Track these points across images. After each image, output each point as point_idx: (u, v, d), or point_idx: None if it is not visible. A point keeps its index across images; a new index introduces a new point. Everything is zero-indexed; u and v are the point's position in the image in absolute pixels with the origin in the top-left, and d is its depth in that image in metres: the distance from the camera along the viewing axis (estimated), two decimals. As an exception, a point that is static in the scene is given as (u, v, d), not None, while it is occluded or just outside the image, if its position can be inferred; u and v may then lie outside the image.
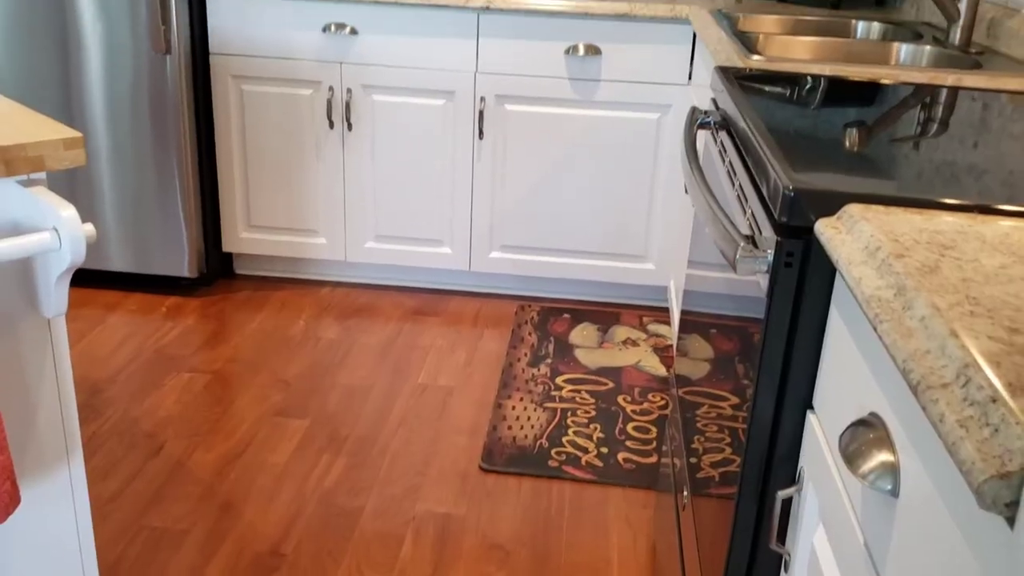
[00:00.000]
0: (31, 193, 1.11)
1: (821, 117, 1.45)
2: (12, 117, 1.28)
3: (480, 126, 2.81)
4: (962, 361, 0.66)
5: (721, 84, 1.64)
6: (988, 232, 0.92)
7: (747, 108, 1.41)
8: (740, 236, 1.09)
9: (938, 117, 1.50)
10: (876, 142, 1.28)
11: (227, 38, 2.79)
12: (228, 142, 2.90)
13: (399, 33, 2.75)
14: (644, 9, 2.63)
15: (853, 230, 0.93)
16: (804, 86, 1.64)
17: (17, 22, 2.70)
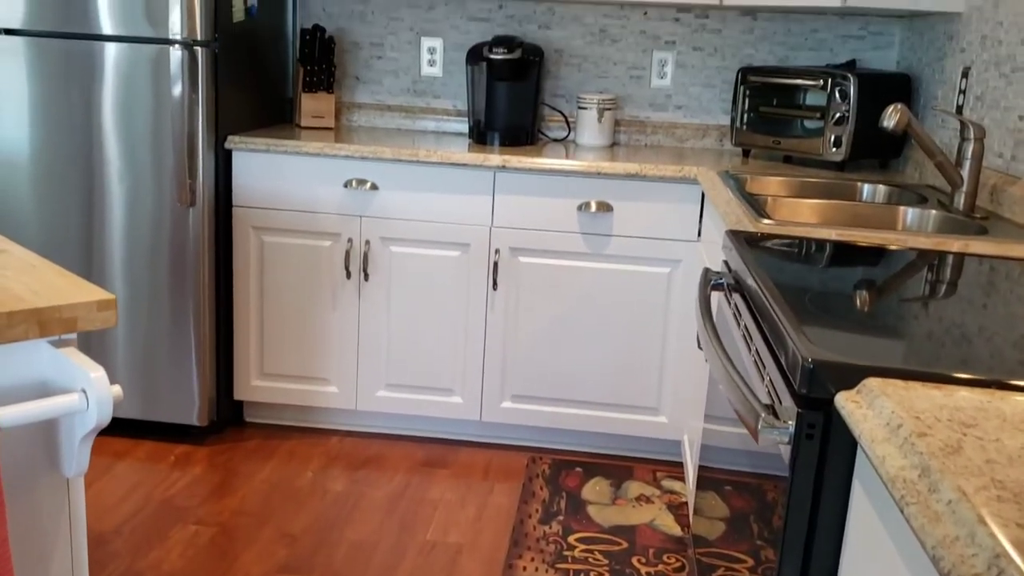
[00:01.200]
0: (62, 354, 1.13)
1: (833, 281, 1.48)
2: (45, 276, 1.32)
3: (494, 277, 2.87)
4: (993, 551, 0.65)
5: (733, 247, 1.68)
6: (1008, 409, 0.92)
7: (761, 273, 1.45)
8: (761, 406, 1.10)
9: (947, 281, 1.53)
10: (889, 307, 1.30)
11: (251, 191, 2.89)
12: (246, 291, 2.96)
13: (418, 189, 2.84)
14: (654, 169, 2.73)
15: (873, 405, 0.94)
16: (814, 250, 1.69)
17: (46, 170, 2.81)
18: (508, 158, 2.78)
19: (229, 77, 2.87)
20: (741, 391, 1.16)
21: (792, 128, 2.86)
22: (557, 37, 3.28)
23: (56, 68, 2.75)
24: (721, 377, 1.30)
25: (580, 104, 3.14)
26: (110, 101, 2.75)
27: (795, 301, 1.27)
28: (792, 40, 3.19)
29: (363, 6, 3.34)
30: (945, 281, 1.55)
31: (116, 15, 2.70)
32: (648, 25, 3.24)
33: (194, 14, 2.68)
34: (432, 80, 3.37)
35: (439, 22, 3.32)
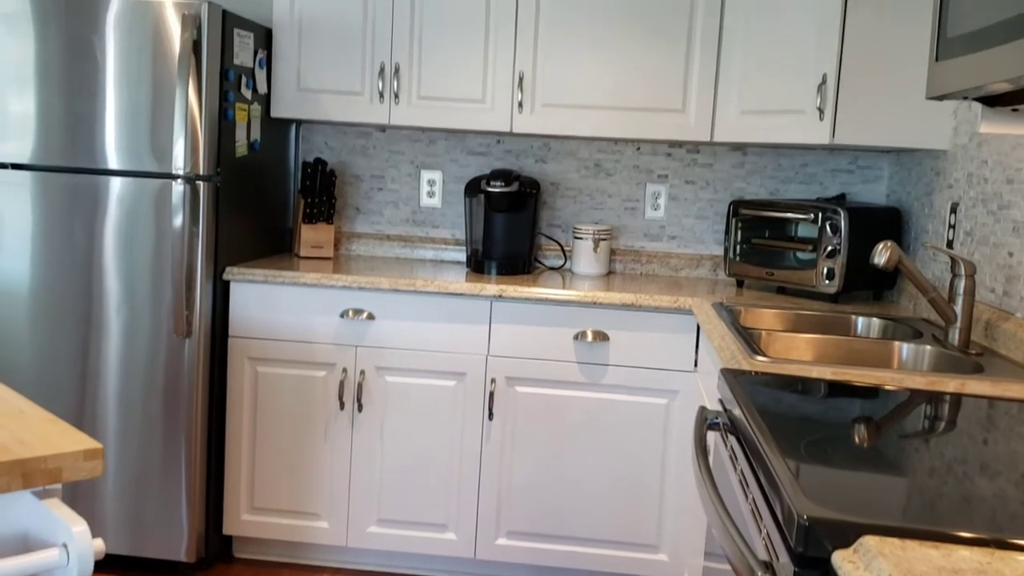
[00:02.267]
0: (45, 505, 1.11)
1: (829, 425, 1.46)
2: (33, 422, 1.30)
3: (490, 407, 2.84)
4: None
5: (728, 389, 1.67)
6: (1008, 571, 0.90)
7: (755, 418, 1.43)
8: (757, 563, 1.07)
9: (944, 423, 1.51)
10: (887, 453, 1.28)
11: (247, 321, 2.90)
12: (239, 424, 2.93)
13: (415, 319, 2.86)
14: (649, 300, 2.74)
15: (871, 567, 0.91)
16: (810, 390, 1.68)
17: (45, 300, 2.83)
18: (505, 287, 2.80)
19: (230, 209, 2.93)
20: (737, 545, 1.13)
21: (785, 259, 2.90)
22: (553, 170, 3.36)
23: (60, 201, 2.81)
24: (716, 526, 1.27)
25: (576, 234, 3.19)
26: (112, 234, 2.80)
27: (791, 448, 1.26)
28: (782, 173, 3.26)
29: (365, 140, 3.43)
30: (943, 423, 1.53)
31: (121, 150, 2.77)
32: (641, 159, 3.32)
33: (198, 149, 2.75)
34: (431, 211, 3.43)
35: (439, 156, 3.41)
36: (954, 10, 1.57)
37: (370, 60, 3.08)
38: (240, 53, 2.92)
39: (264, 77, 3.09)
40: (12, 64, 2.79)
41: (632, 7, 2.96)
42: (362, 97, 3.10)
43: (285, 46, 3.10)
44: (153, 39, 2.74)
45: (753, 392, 1.61)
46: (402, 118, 3.09)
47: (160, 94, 2.75)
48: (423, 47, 3.06)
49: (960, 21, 1.55)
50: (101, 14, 2.75)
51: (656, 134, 3.00)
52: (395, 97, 3.08)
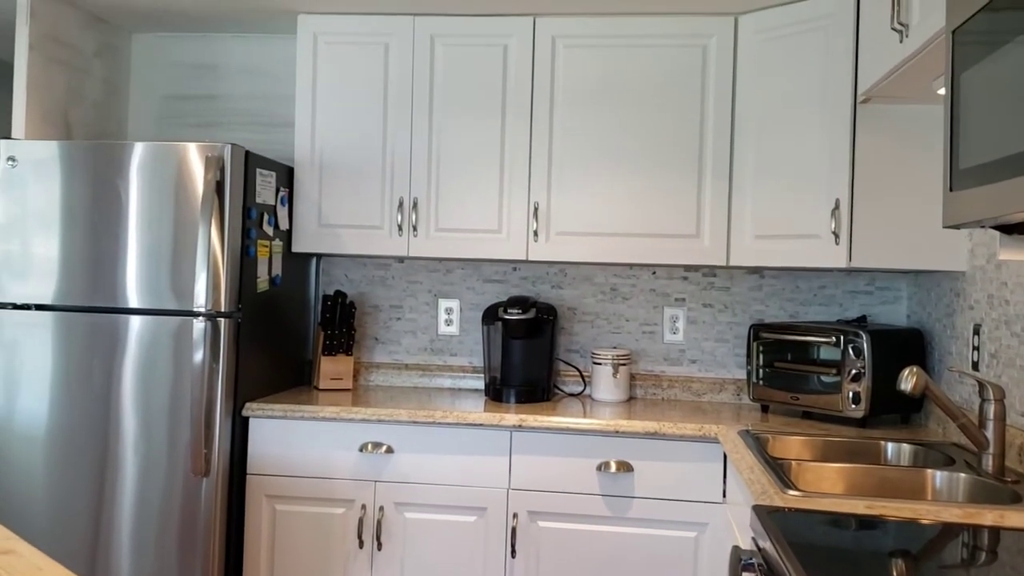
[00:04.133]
0: None
1: (866, 562, 1.41)
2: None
3: (513, 544, 2.77)
4: None
5: (762, 526, 1.62)
6: None
7: (792, 560, 1.38)
8: None
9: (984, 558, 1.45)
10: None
11: (266, 458, 2.87)
12: (256, 564, 2.86)
13: (434, 451, 2.81)
14: (673, 428, 2.70)
15: None
16: (845, 526, 1.62)
17: (62, 438, 2.81)
18: (525, 417, 2.77)
19: (250, 344, 2.94)
20: None
21: (809, 383, 2.86)
22: (570, 296, 3.37)
23: (80, 341, 2.83)
24: None
25: (595, 360, 3.17)
26: (130, 372, 2.80)
27: (832, 599, 1.21)
28: (801, 295, 3.26)
29: (384, 271, 3.47)
30: (983, 556, 1.47)
31: (142, 289, 2.81)
32: (657, 283, 3.34)
33: (219, 286, 2.78)
34: (449, 338, 3.44)
35: (456, 284, 3.43)
36: (965, 143, 1.60)
37: (389, 195, 3.14)
38: (262, 192, 2.99)
39: (286, 214, 3.15)
40: (39, 208, 2.86)
41: (642, 139, 3.03)
42: (381, 231, 3.15)
43: (306, 183, 3.18)
44: (176, 180, 2.81)
45: (787, 530, 1.56)
46: (421, 249, 3.13)
47: (182, 233, 2.80)
48: (440, 181, 3.13)
49: (972, 153, 1.57)
50: (125, 159, 2.83)
51: (672, 259, 3.02)
52: (413, 229, 3.13)
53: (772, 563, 1.51)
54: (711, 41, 3.02)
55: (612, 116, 3.05)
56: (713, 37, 3.02)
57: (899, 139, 2.70)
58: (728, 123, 3.00)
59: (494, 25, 3.11)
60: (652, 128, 3.03)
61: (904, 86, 2.42)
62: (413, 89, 3.14)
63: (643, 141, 3.04)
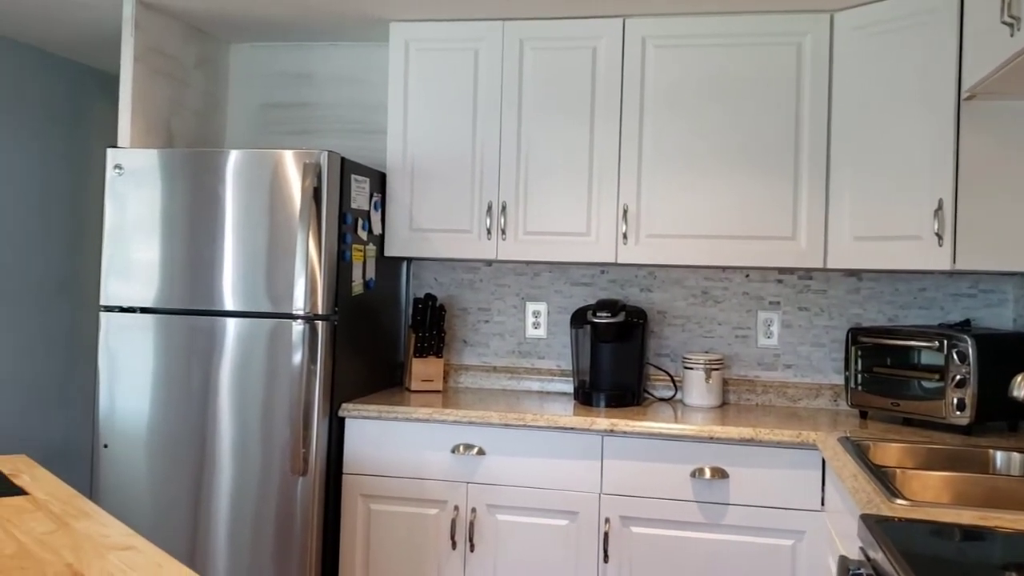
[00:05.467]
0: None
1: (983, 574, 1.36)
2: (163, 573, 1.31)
3: (605, 548, 2.75)
4: None
5: (871, 536, 1.58)
6: None
7: (907, 572, 1.34)
8: None
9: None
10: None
11: (361, 458, 2.92)
12: (352, 563, 2.91)
13: (525, 454, 2.82)
14: (769, 434, 2.65)
15: None
16: (958, 537, 1.57)
17: (161, 438, 2.91)
18: (616, 421, 2.75)
19: (345, 346, 2.99)
20: None
21: (910, 389, 2.78)
22: (659, 299, 3.34)
23: (180, 342, 2.92)
24: None
25: (686, 364, 3.14)
26: (227, 372, 2.88)
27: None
28: (900, 299, 3.17)
29: (472, 275, 3.49)
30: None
31: (240, 293, 2.88)
32: (751, 286, 3.28)
33: (316, 290, 2.84)
34: (537, 342, 3.44)
35: (544, 288, 3.44)
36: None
37: (478, 199, 3.17)
38: (357, 197, 3.04)
39: (379, 218, 3.20)
40: (143, 214, 2.97)
41: (735, 139, 2.99)
42: (471, 234, 3.17)
43: (398, 189, 3.22)
44: (271, 187, 2.88)
45: (899, 541, 1.52)
46: (509, 253, 3.14)
47: (277, 238, 2.87)
48: (528, 184, 3.13)
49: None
50: (222, 166, 2.91)
51: (767, 261, 2.96)
52: (502, 233, 3.14)
53: (884, 574, 1.47)
54: (806, 39, 2.96)
55: (703, 116, 3.01)
56: (808, 35, 2.96)
57: (1006, 136, 2.60)
58: (824, 122, 2.94)
59: (583, 27, 3.11)
60: (745, 128, 2.99)
61: (1014, 81, 2.33)
62: (502, 93, 3.16)
63: (735, 141, 2.99)
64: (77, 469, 4.10)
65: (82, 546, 1.47)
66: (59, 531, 1.55)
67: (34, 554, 1.42)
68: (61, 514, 1.65)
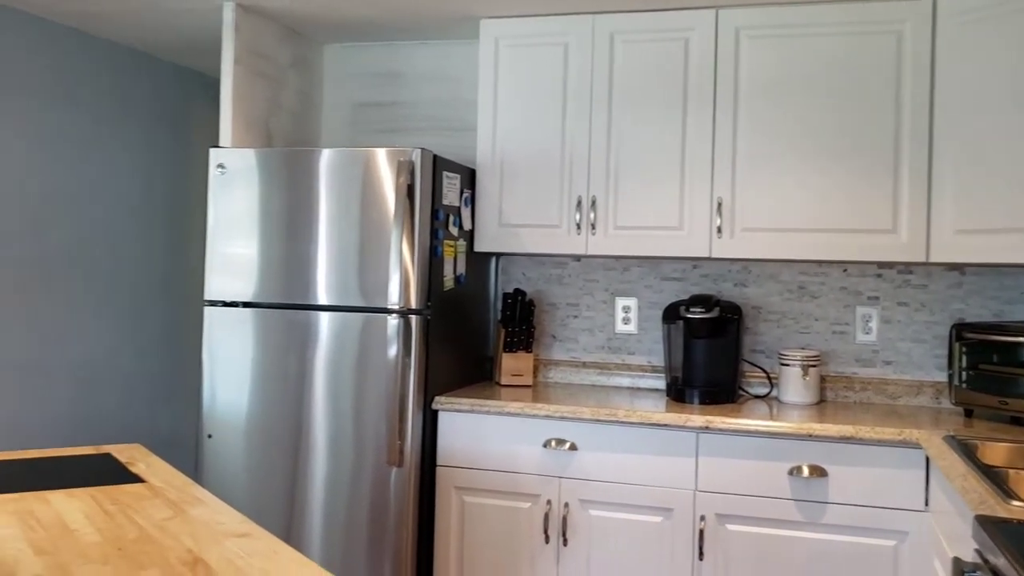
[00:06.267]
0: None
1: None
2: (286, 565, 1.35)
3: (700, 546, 2.73)
4: None
5: (989, 539, 1.53)
6: None
7: (1033, 577, 1.29)
8: None
9: None
10: None
11: (454, 451, 2.95)
12: (446, 555, 2.94)
13: (617, 450, 2.81)
14: (870, 432, 2.59)
15: None
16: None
17: (259, 427, 2.99)
18: (711, 418, 2.72)
19: (437, 340, 3.03)
20: None
21: (1019, 387, 2.67)
22: (754, 294, 3.29)
23: (277, 335, 3.00)
24: None
25: (782, 360, 3.08)
26: (322, 364, 2.95)
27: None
28: (1006, 294, 3.05)
29: (561, 270, 3.50)
30: None
31: (333, 288, 2.94)
32: (849, 281, 3.21)
33: (410, 285, 2.88)
34: (627, 337, 3.42)
35: (634, 283, 3.42)
36: None
37: (568, 194, 3.16)
38: (448, 193, 3.07)
39: (469, 214, 3.23)
40: (242, 212, 3.05)
41: (832, 129, 2.92)
42: (560, 229, 3.17)
43: (488, 184, 3.24)
44: (363, 184, 2.93)
45: (1020, 544, 1.46)
46: (599, 247, 3.13)
47: (369, 234, 2.92)
48: (619, 179, 3.12)
49: None
50: (315, 164, 2.98)
51: (865, 255, 2.89)
52: (592, 228, 3.13)
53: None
54: (905, 26, 2.87)
55: (800, 107, 2.95)
56: (907, 22, 2.87)
57: None
58: (926, 111, 2.85)
59: (674, 19, 3.08)
60: (842, 118, 2.91)
61: None
62: (592, 87, 3.15)
63: (833, 132, 2.92)
64: (182, 458, 4.24)
65: (199, 532, 1.52)
66: (177, 518, 1.60)
67: (155, 539, 1.48)
68: (177, 501, 1.71)
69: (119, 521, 1.57)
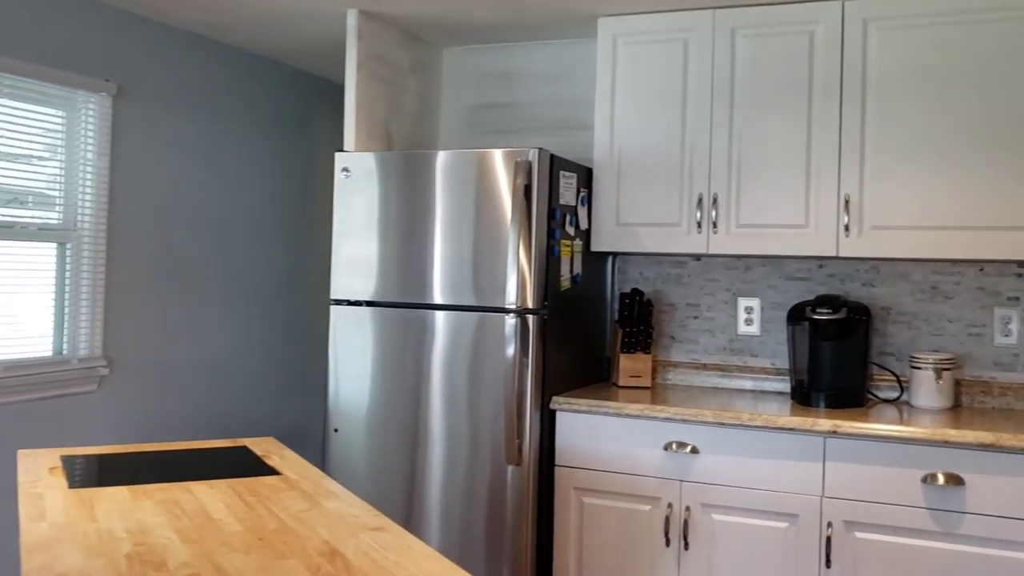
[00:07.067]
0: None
1: None
2: (420, 559, 1.37)
3: (827, 554, 2.64)
4: None
5: None
6: None
7: None
8: None
9: None
10: None
11: (572, 451, 2.94)
12: (565, 552, 2.94)
13: (740, 454, 2.75)
14: (1012, 440, 2.46)
15: None
16: None
17: (379, 420, 3.05)
18: (839, 423, 2.63)
19: (554, 340, 3.03)
20: None
21: None
22: (883, 294, 3.17)
23: (396, 334, 3.05)
24: None
25: (914, 363, 2.95)
26: (438, 364, 2.98)
27: None
28: None
29: (680, 269, 3.45)
30: None
31: (448, 287, 2.98)
32: (986, 281, 3.05)
33: (527, 285, 2.89)
34: (749, 339, 3.35)
35: (756, 283, 3.34)
36: None
37: (688, 192, 3.12)
38: (565, 193, 3.07)
39: (585, 214, 3.22)
40: (363, 214, 3.12)
41: (968, 123, 2.78)
42: (680, 228, 3.13)
43: (605, 183, 3.22)
44: (477, 184, 2.95)
45: None
46: (721, 246, 3.07)
47: (485, 233, 2.94)
48: (741, 176, 3.05)
49: None
50: (431, 166, 3.02)
51: (1004, 254, 2.74)
52: (713, 227, 3.08)
53: None
54: (1052, 11, 2.71)
55: (933, 100, 2.82)
56: (1055, 6, 2.71)
57: None
58: (1075, 101, 2.68)
59: (799, 12, 2.99)
60: (980, 111, 2.77)
61: None
62: (713, 83, 3.09)
63: (969, 125, 2.78)
64: (308, 452, 4.38)
65: (335, 525, 1.56)
66: (312, 509, 1.65)
67: (293, 530, 1.52)
68: (312, 493, 1.76)
69: (259, 512, 1.62)
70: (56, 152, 3.20)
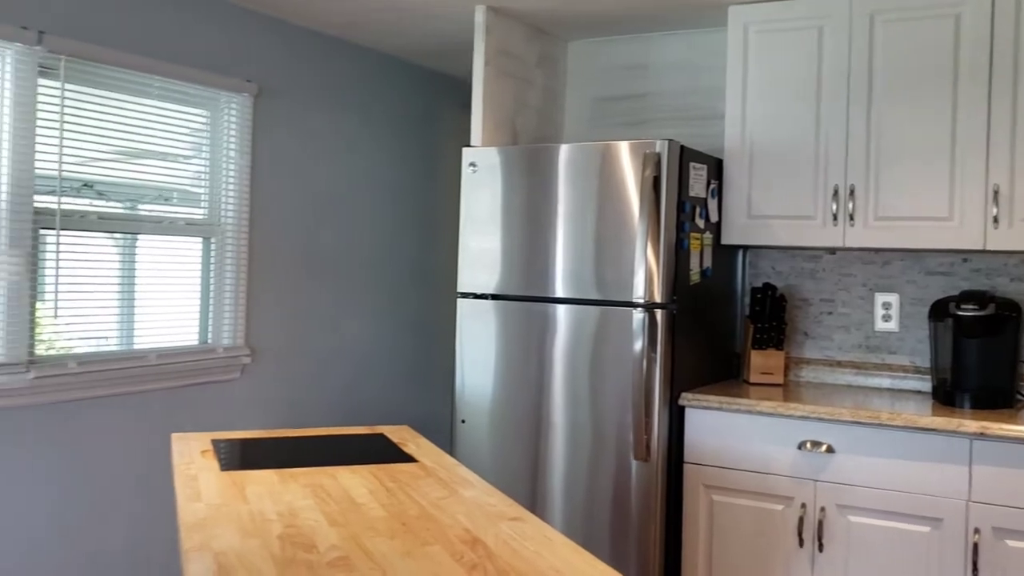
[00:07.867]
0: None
1: None
2: (560, 550, 1.37)
3: (975, 561, 2.52)
4: None
5: None
6: None
7: None
8: None
9: None
10: None
11: (702, 448, 2.90)
12: (694, 554, 2.90)
13: (879, 454, 2.65)
14: None
15: None
16: None
17: (502, 410, 3.08)
18: (987, 424, 2.50)
19: (683, 335, 2.99)
20: None
21: None
22: (1035, 290, 3.00)
23: (519, 326, 3.07)
24: None
25: (1069, 364, 2.78)
26: (560, 357, 2.99)
27: None
28: None
29: (814, 264, 3.34)
30: None
31: (571, 281, 2.97)
32: None
33: (654, 279, 2.86)
34: (887, 336, 3.22)
35: (895, 277, 3.21)
36: None
37: (823, 184, 3.02)
38: (694, 185, 3.02)
39: (715, 206, 3.16)
40: (489, 208, 3.15)
41: None
42: (814, 221, 3.03)
43: (735, 175, 3.16)
44: (601, 177, 2.94)
45: None
46: (858, 240, 2.96)
47: (609, 226, 2.92)
48: (880, 166, 2.93)
49: None
50: (554, 160, 3.02)
51: None
52: (850, 219, 2.97)
53: None
54: None
55: (1096, 83, 2.64)
56: None
57: None
58: None
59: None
60: None
61: None
62: (850, 71, 2.98)
63: None
64: (435, 441, 4.47)
65: (474, 513, 1.58)
66: (450, 497, 1.68)
67: (434, 517, 1.56)
68: (449, 481, 1.79)
69: (400, 498, 1.66)
70: (201, 150, 3.36)
